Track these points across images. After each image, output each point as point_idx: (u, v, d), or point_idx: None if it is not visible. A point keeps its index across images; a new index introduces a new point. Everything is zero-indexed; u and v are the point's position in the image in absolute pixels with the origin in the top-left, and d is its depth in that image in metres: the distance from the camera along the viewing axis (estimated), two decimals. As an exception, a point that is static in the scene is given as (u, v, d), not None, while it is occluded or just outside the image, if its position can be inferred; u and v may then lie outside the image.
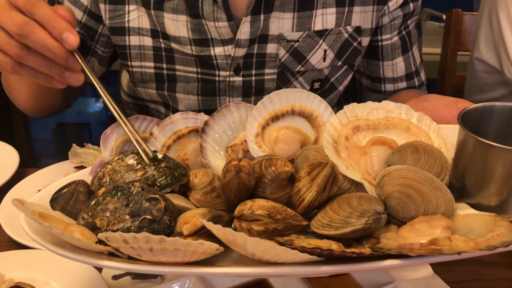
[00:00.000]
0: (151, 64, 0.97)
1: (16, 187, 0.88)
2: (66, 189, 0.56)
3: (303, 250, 0.42)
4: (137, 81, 1.01)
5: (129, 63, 0.98)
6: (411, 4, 1.01)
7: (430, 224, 0.49)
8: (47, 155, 2.48)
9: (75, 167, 0.98)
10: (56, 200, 0.55)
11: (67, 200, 0.55)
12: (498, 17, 1.19)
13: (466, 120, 0.58)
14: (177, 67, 0.97)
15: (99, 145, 0.66)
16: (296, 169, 0.59)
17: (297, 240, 0.47)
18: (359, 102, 0.70)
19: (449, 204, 0.53)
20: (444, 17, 1.47)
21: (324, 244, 0.45)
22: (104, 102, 0.61)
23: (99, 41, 0.99)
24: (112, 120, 0.64)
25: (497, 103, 0.58)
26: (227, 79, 0.97)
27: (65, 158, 0.98)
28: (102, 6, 0.93)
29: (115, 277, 0.71)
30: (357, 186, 0.60)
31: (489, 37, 1.25)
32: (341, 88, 1.06)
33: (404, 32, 1.04)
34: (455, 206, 0.54)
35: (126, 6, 0.93)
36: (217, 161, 0.64)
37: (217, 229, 0.43)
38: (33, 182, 0.90)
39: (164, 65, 0.97)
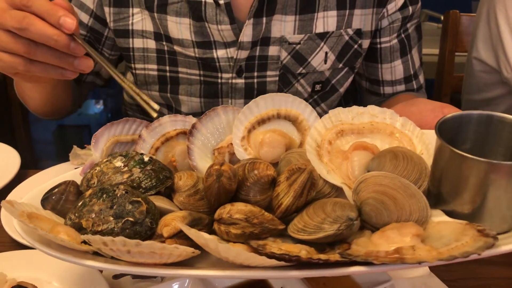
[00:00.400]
0: (154, 67, 0.99)
1: (18, 189, 0.90)
2: (56, 189, 0.59)
3: (272, 256, 0.44)
4: (140, 83, 1.03)
5: (133, 65, 1.00)
6: (410, 8, 1.01)
7: (401, 231, 0.51)
8: (47, 157, 2.53)
9: (76, 168, 1.00)
10: (47, 200, 0.58)
11: (57, 200, 0.58)
12: (496, 17, 1.19)
13: (445, 128, 0.59)
14: (180, 69, 0.99)
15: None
16: (279, 173, 0.61)
17: (270, 245, 0.49)
18: (359, 104, 0.71)
19: (423, 211, 0.55)
20: (442, 18, 1.46)
21: (296, 249, 0.48)
22: (118, 79, 0.63)
23: (106, 44, 1.01)
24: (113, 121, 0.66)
25: (475, 112, 0.60)
26: (230, 81, 0.98)
27: (66, 159, 1.01)
28: (106, 9, 0.95)
29: (115, 277, 0.73)
30: (338, 191, 0.62)
31: (487, 37, 1.25)
32: (342, 90, 1.07)
33: (403, 35, 1.05)
34: (429, 213, 0.55)
35: (130, 9, 0.95)
36: (204, 163, 0.66)
37: (191, 234, 0.45)
38: (34, 183, 0.92)
39: (167, 68, 0.99)
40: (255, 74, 0.99)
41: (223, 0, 0.89)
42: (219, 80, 0.99)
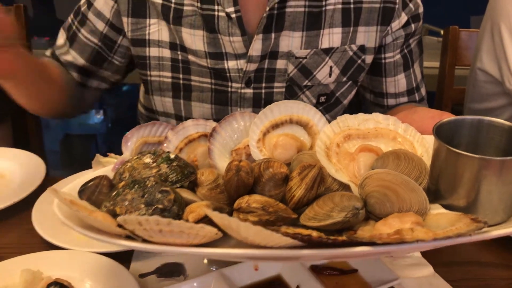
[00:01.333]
0: (169, 74, 1.06)
1: (45, 194, 0.95)
2: (91, 182, 0.65)
3: (286, 234, 0.50)
4: (154, 89, 1.09)
5: (148, 72, 1.08)
6: (412, 25, 1.09)
7: (402, 219, 0.57)
8: (56, 165, 2.60)
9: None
10: (83, 192, 0.64)
11: (92, 192, 0.64)
12: (500, 30, 1.25)
13: (442, 131, 0.65)
14: (192, 77, 1.06)
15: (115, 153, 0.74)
16: (291, 171, 0.67)
17: (284, 229, 0.55)
18: None
19: (423, 204, 0.60)
20: (442, 32, 1.54)
21: (307, 232, 0.54)
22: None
23: (117, 52, 1.09)
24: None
25: (468, 117, 0.66)
26: (239, 90, 1.05)
27: (74, 168, 1.05)
28: (124, 19, 1.03)
29: (141, 276, 0.78)
30: (345, 188, 0.68)
31: (491, 49, 1.31)
32: (345, 102, 1.14)
33: (406, 51, 1.12)
34: (428, 206, 0.61)
35: (147, 19, 1.02)
36: (223, 163, 0.72)
37: (215, 215, 0.51)
38: (65, 185, 0.97)
39: (181, 76, 1.06)
40: (263, 85, 1.06)
41: (235, 14, 0.97)
42: (229, 89, 1.06)
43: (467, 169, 0.60)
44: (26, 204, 0.94)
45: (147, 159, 0.66)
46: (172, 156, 0.67)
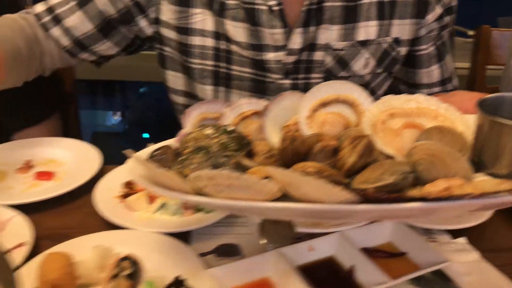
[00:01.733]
0: (211, 63, 1.11)
1: (103, 180, 1.02)
2: (158, 151, 0.72)
3: (344, 188, 0.55)
4: (197, 76, 1.14)
5: (190, 59, 1.12)
6: (446, 18, 1.13)
7: (448, 182, 0.61)
8: None
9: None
10: (151, 159, 0.71)
11: (159, 159, 0.70)
12: None
13: (484, 106, 0.69)
14: (233, 67, 1.11)
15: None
16: (339, 145, 0.72)
17: (340, 188, 0.60)
18: None
19: (467, 172, 0.64)
20: (471, 32, 1.58)
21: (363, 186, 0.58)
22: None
23: (131, 30, 1.11)
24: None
25: (509, 94, 0.70)
26: (277, 81, 1.11)
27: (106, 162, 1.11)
28: (172, 7, 1.07)
29: (202, 255, 0.83)
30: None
31: None
32: (380, 92, 1.18)
33: (439, 42, 1.16)
34: (472, 174, 0.65)
35: (193, 9, 1.07)
36: (274, 138, 0.78)
37: (278, 172, 0.57)
38: (115, 177, 1.04)
39: (222, 64, 1.11)
40: (301, 76, 1.11)
41: (277, 7, 1.03)
42: (268, 80, 1.11)
43: (510, 138, 0.64)
44: (86, 189, 1.01)
45: (208, 131, 0.72)
46: (230, 129, 0.73)
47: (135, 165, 0.67)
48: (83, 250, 0.81)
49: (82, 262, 0.77)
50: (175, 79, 1.20)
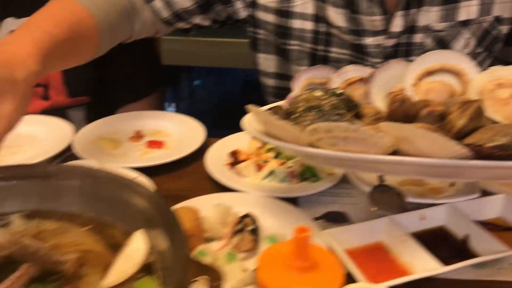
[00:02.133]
0: (309, 45, 1.15)
1: (211, 149, 1.08)
2: (271, 110, 0.77)
3: (459, 143, 0.58)
4: (294, 58, 1.18)
5: (288, 41, 1.16)
6: None
7: None
8: None
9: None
10: (265, 116, 0.77)
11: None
12: None
13: None
14: (332, 49, 1.14)
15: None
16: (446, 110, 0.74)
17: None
18: None
19: None
20: None
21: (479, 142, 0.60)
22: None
23: (227, 8, 1.15)
24: None
25: None
26: (376, 65, 1.12)
27: None
28: None
29: (315, 219, 0.84)
30: (499, 127, 0.73)
31: None
32: None
33: None
34: None
35: None
36: (379, 104, 0.81)
37: (393, 126, 0.60)
38: (219, 148, 1.09)
39: (320, 47, 1.14)
40: (400, 59, 1.11)
41: None
42: (367, 63, 1.12)
43: None
44: (194, 158, 1.07)
45: (318, 93, 0.76)
46: (339, 91, 0.77)
47: (251, 121, 0.73)
48: (204, 208, 0.84)
49: (206, 218, 0.82)
50: (266, 62, 1.24)
